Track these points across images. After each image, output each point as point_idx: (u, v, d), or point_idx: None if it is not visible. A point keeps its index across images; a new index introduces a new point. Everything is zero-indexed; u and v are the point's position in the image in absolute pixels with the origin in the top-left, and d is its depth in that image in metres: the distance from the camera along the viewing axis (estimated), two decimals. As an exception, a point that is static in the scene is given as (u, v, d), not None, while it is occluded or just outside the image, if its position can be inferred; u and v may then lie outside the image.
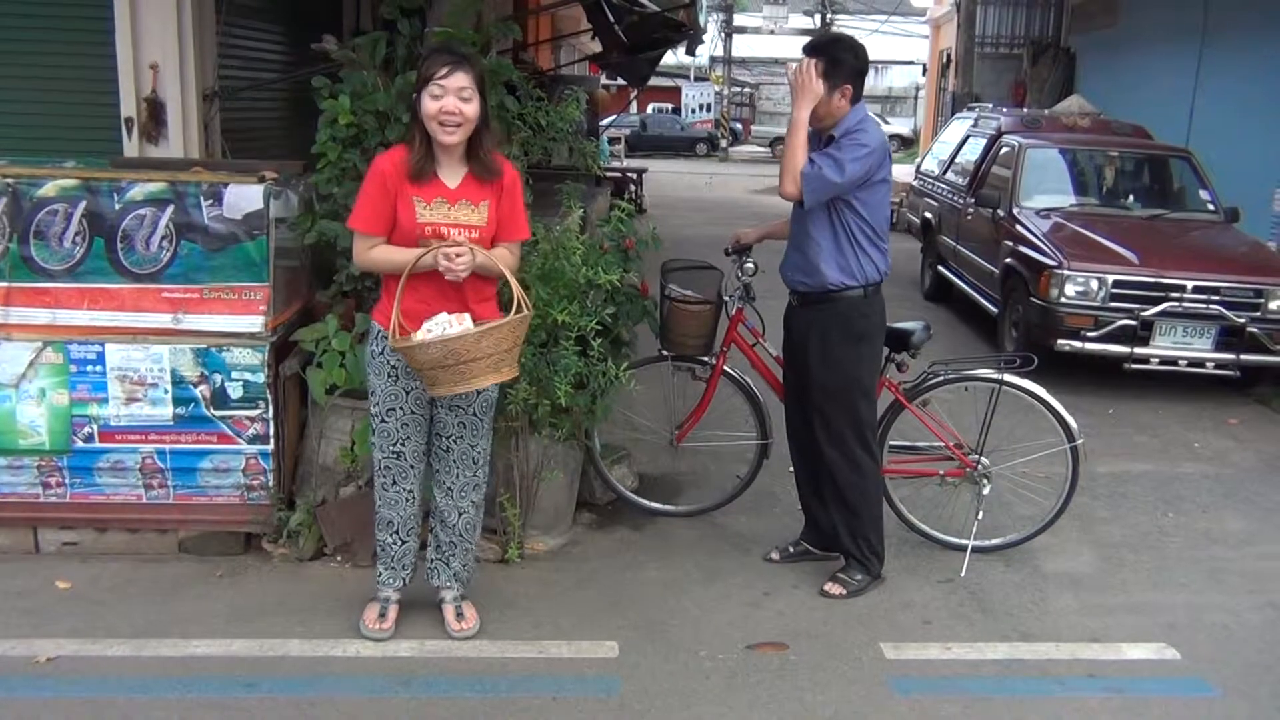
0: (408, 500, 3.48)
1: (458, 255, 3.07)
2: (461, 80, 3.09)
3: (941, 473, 4.34)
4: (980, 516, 4.26)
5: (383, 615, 3.57)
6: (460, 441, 3.45)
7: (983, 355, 4.49)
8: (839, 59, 3.73)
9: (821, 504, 4.12)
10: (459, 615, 3.62)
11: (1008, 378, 4.18)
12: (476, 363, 3.05)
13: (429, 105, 3.10)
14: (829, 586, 4.01)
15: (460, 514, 3.54)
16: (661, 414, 4.71)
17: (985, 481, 4.28)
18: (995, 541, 4.39)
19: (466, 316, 3.19)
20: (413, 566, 3.60)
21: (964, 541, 4.29)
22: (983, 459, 4.27)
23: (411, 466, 3.44)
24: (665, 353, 4.42)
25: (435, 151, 3.21)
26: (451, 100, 3.09)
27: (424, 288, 3.21)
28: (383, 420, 3.38)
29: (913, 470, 4.41)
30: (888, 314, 4.02)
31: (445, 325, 3.14)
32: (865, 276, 3.83)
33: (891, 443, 4.31)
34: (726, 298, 4.33)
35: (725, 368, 4.43)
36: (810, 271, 3.86)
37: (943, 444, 4.30)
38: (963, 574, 4.17)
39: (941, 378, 4.26)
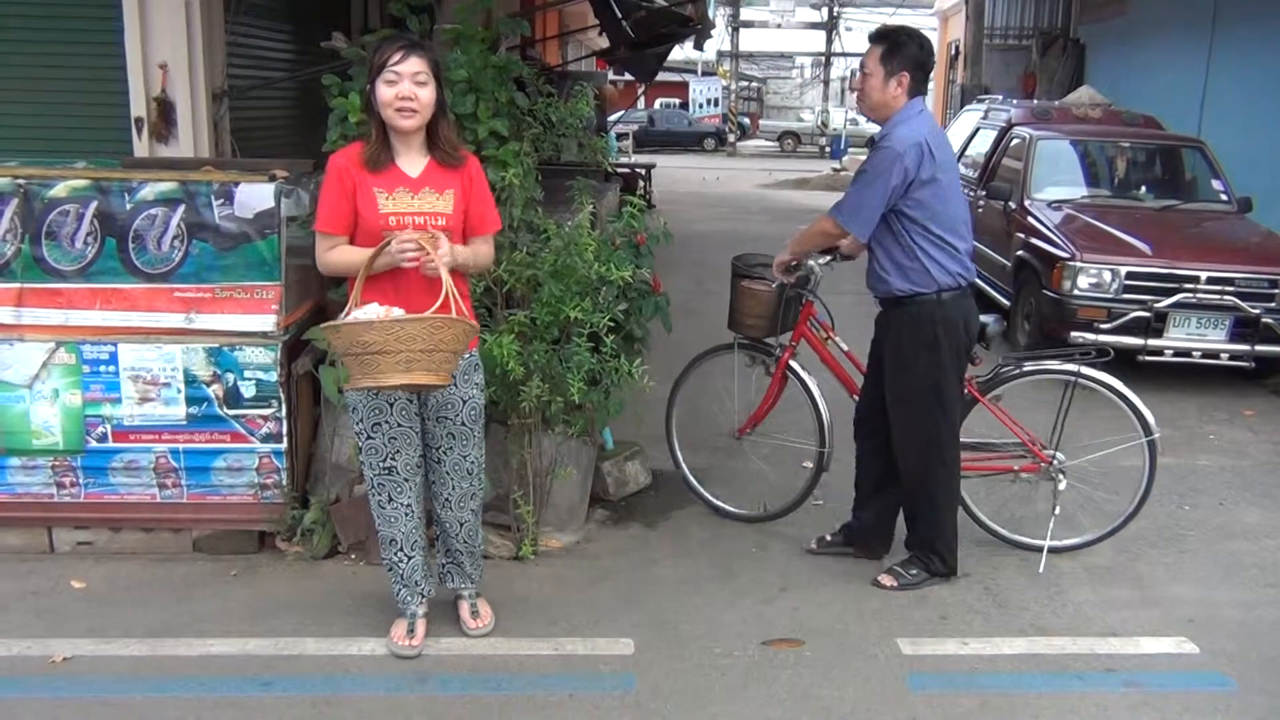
0: (407, 515, 3.39)
1: (408, 241, 2.95)
2: (416, 65, 3.03)
3: (1016, 469, 4.22)
4: (1057, 513, 4.18)
5: (411, 631, 3.50)
6: (450, 453, 3.38)
7: (1055, 349, 4.40)
8: (900, 43, 3.71)
9: (871, 499, 4.12)
10: (474, 613, 3.62)
11: (1084, 370, 4.11)
12: (384, 356, 2.85)
13: (384, 92, 3.03)
14: (882, 578, 4.01)
15: (461, 524, 3.50)
16: (725, 405, 4.61)
17: (1061, 478, 4.18)
18: (1072, 541, 4.31)
19: (398, 310, 2.99)
20: (427, 578, 3.55)
21: (1039, 542, 4.24)
22: (1058, 454, 4.18)
23: (406, 480, 3.34)
24: (733, 335, 4.43)
25: (393, 141, 3.13)
26: (407, 85, 3.02)
27: (386, 289, 3.07)
28: (368, 437, 3.29)
29: (987, 466, 4.26)
30: None
31: (370, 315, 2.96)
32: (935, 282, 3.73)
33: (962, 439, 4.13)
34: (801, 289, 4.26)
35: (791, 362, 4.35)
36: (878, 278, 3.85)
37: (1018, 439, 4.18)
38: (1040, 571, 4.13)
39: (1016, 371, 4.17)
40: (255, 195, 3.93)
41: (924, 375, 3.82)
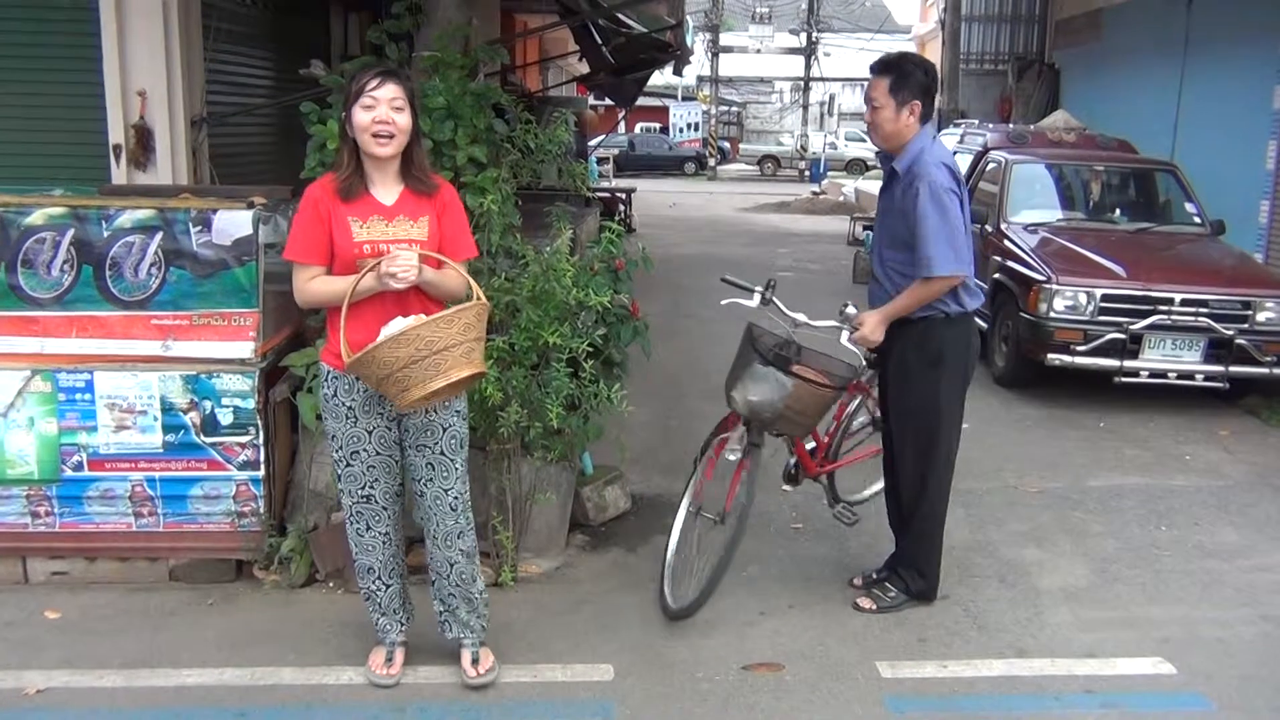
0: (384, 543, 3.35)
1: (395, 260, 2.95)
2: (393, 91, 3.03)
3: None
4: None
5: (389, 660, 3.46)
6: (431, 484, 3.29)
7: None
8: (907, 73, 3.74)
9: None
10: (475, 661, 3.45)
11: None
12: (450, 351, 2.88)
13: (361, 118, 3.03)
14: (861, 601, 4.01)
15: (451, 565, 3.37)
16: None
17: None
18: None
19: (422, 316, 2.99)
20: (405, 606, 3.53)
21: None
22: None
23: (385, 509, 3.31)
24: (754, 437, 3.83)
25: (367, 169, 3.12)
26: (384, 110, 3.01)
27: (370, 315, 3.05)
28: (347, 465, 3.25)
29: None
30: None
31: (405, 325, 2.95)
32: (945, 304, 3.76)
33: None
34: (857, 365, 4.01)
35: None
36: (890, 299, 3.82)
37: None
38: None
39: None
40: (233, 222, 3.93)
41: (926, 392, 3.84)
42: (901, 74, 3.74)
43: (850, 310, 3.91)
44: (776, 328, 4.08)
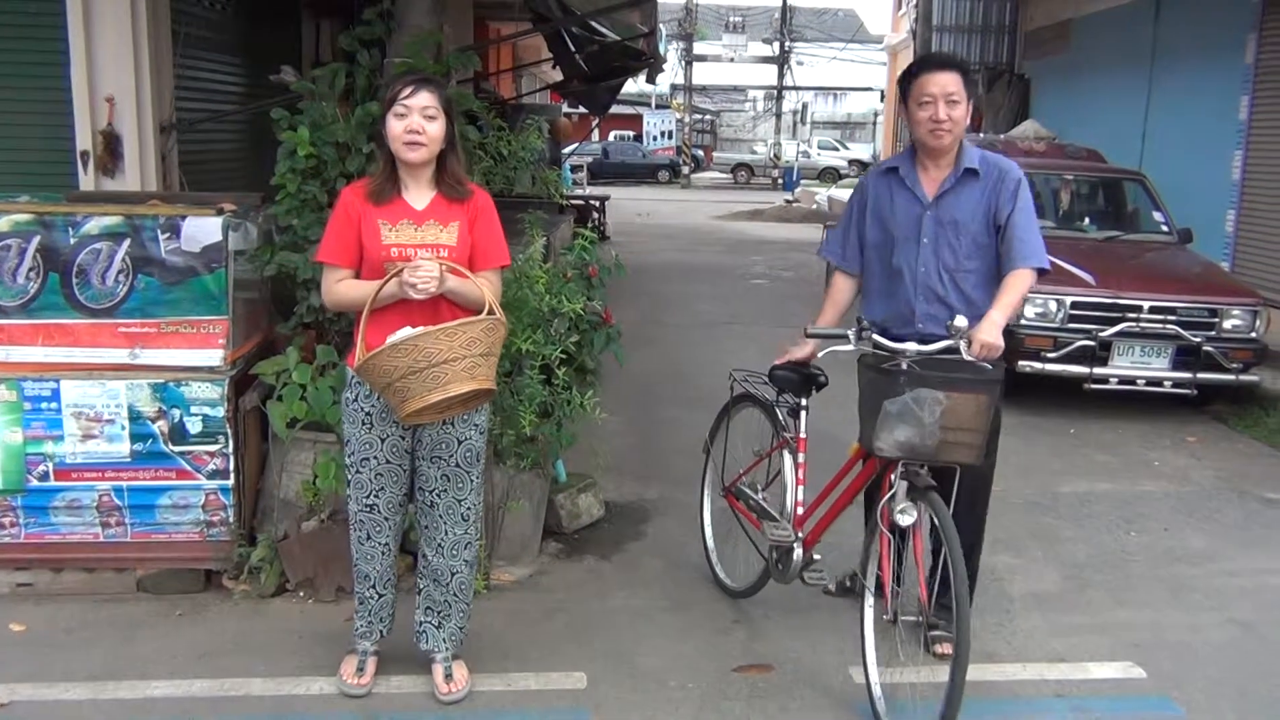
0: (383, 553, 3.35)
1: (417, 269, 2.94)
2: (426, 99, 3.06)
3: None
4: None
5: (360, 670, 3.43)
6: (444, 496, 3.28)
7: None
8: (969, 72, 3.63)
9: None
10: (448, 677, 3.41)
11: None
12: (450, 365, 2.85)
13: (393, 125, 3.06)
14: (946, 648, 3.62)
15: (454, 574, 3.36)
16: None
17: None
18: None
19: (431, 327, 2.95)
20: (391, 617, 3.50)
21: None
22: None
23: (386, 519, 3.31)
24: (900, 462, 3.22)
25: (401, 175, 3.16)
26: (416, 119, 3.04)
27: (396, 321, 3.03)
28: (357, 471, 3.26)
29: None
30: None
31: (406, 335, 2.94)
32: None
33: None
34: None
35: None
36: (967, 311, 3.43)
37: None
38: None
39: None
40: (202, 229, 3.89)
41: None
42: (966, 69, 3.53)
43: (960, 323, 3.27)
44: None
